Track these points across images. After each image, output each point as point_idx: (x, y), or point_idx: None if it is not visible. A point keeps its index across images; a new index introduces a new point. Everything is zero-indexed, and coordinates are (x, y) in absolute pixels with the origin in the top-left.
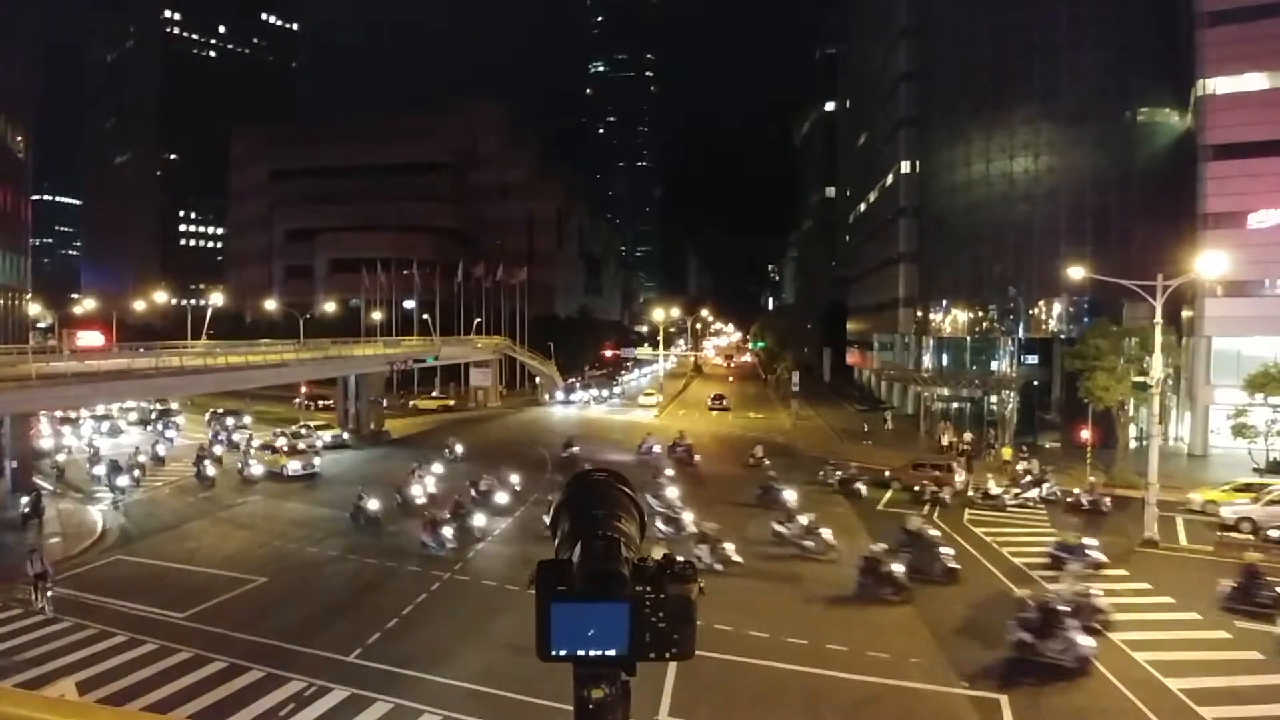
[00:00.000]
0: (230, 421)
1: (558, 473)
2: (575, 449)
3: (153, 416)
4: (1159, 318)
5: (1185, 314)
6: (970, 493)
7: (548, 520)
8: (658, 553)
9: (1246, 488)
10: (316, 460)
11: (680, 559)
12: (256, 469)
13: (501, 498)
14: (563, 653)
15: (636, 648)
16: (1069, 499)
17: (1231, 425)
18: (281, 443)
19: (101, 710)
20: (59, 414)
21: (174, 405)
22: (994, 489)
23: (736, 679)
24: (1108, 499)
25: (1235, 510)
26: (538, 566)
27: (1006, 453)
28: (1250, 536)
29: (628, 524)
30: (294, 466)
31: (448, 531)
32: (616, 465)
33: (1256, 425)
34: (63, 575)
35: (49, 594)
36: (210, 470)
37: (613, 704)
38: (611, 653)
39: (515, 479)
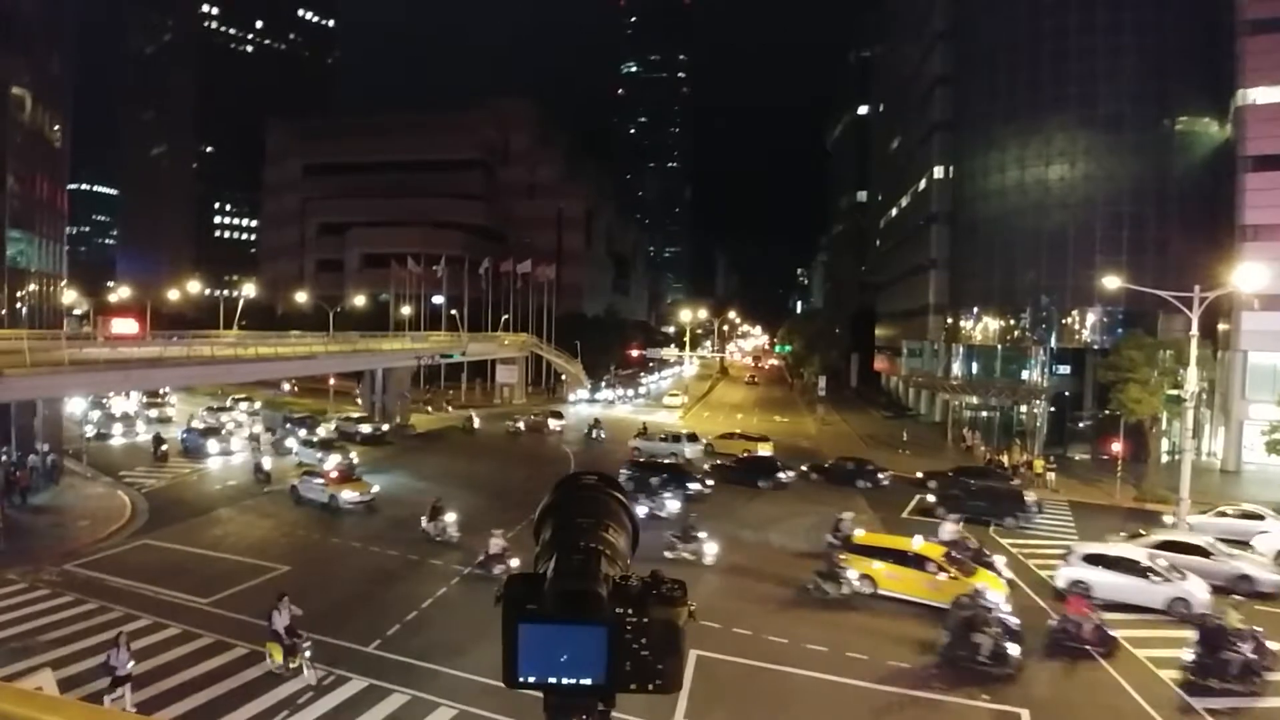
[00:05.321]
0: None
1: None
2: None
3: (287, 427)
4: (1195, 330)
5: (1221, 327)
6: None
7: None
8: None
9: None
10: None
11: (669, 578)
12: None
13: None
14: (532, 679)
15: (615, 677)
16: None
17: (1265, 441)
18: None
19: (73, 705)
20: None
21: (352, 415)
22: None
23: (753, 684)
24: None
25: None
26: (506, 581)
27: (1038, 465)
28: None
29: (615, 535)
30: None
31: None
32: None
33: None
34: (90, 558)
35: (307, 653)
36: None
37: None
38: (587, 681)
39: None
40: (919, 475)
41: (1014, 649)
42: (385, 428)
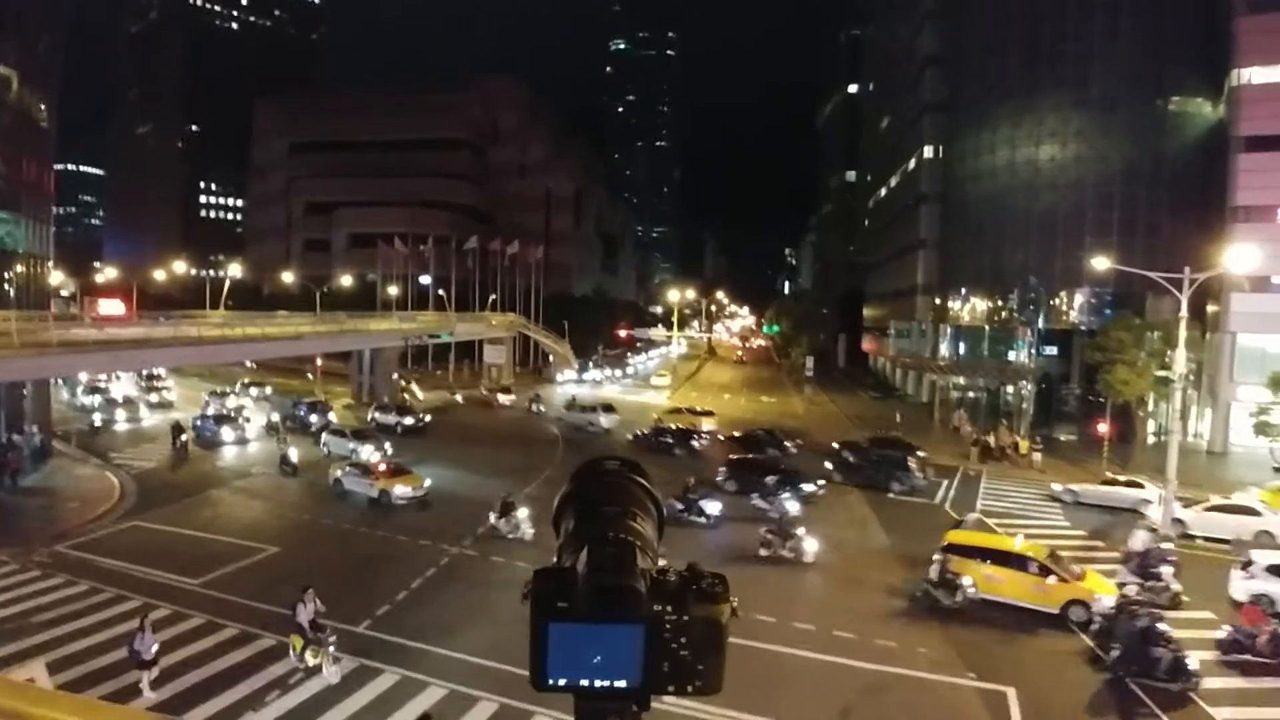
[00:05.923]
0: None
1: None
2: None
3: (299, 413)
4: (1184, 311)
5: (1210, 309)
6: None
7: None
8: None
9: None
10: None
11: (709, 572)
12: None
13: None
14: (562, 682)
15: (652, 679)
16: None
17: (1253, 423)
18: None
19: (64, 697)
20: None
21: (386, 402)
22: None
23: (742, 663)
24: None
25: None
26: (534, 576)
27: (1024, 446)
28: None
29: (644, 524)
30: None
31: None
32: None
33: (1279, 424)
34: (80, 539)
35: (331, 648)
36: None
37: None
38: (621, 684)
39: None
40: (834, 445)
41: (1193, 662)
42: (427, 418)
